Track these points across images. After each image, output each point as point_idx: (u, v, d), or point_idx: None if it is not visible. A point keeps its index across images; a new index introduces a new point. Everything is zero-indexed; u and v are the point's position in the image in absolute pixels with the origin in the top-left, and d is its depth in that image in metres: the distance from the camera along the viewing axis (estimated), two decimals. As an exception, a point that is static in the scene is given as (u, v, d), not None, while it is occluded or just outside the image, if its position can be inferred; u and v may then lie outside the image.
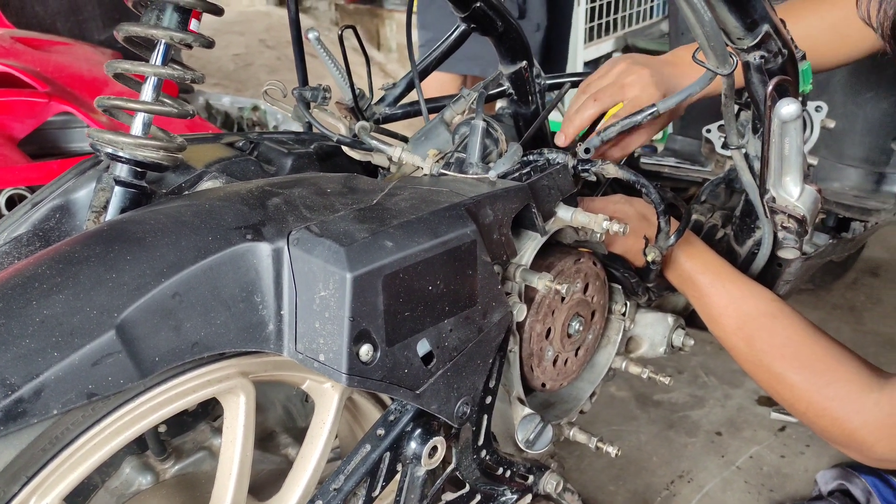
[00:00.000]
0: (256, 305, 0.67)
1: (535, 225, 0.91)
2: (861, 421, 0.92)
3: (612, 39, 3.09)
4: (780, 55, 0.87)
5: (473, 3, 1.10)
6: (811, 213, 0.84)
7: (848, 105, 1.45)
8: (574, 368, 1.07)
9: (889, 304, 2.13)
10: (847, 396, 0.93)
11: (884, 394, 0.91)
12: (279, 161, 0.96)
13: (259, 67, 3.84)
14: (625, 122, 1.02)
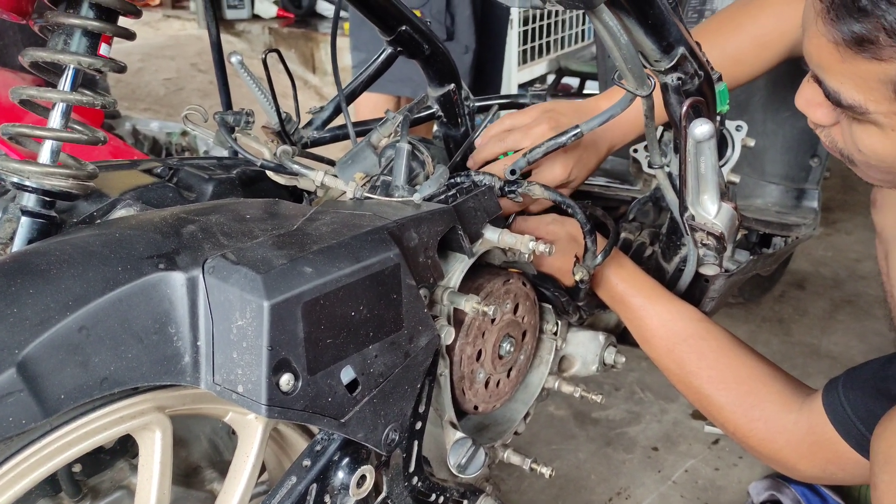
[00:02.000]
0: (171, 337, 0.65)
1: (462, 247, 0.90)
2: (784, 441, 0.95)
3: (545, 62, 3.14)
4: (696, 76, 0.89)
5: (399, 27, 1.10)
6: (729, 230, 0.86)
7: (767, 124, 1.49)
8: (507, 390, 1.07)
9: (814, 316, 2.19)
10: (770, 418, 0.96)
11: (802, 414, 0.94)
12: (199, 187, 0.94)
13: (191, 92, 3.78)
14: (549, 144, 1.03)
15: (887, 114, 0.75)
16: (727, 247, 0.92)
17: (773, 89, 1.46)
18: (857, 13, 0.70)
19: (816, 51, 0.78)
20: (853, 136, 0.82)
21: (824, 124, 0.87)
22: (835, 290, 2.32)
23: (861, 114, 0.77)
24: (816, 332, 2.11)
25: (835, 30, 0.73)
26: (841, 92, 0.77)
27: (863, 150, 0.82)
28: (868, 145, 0.81)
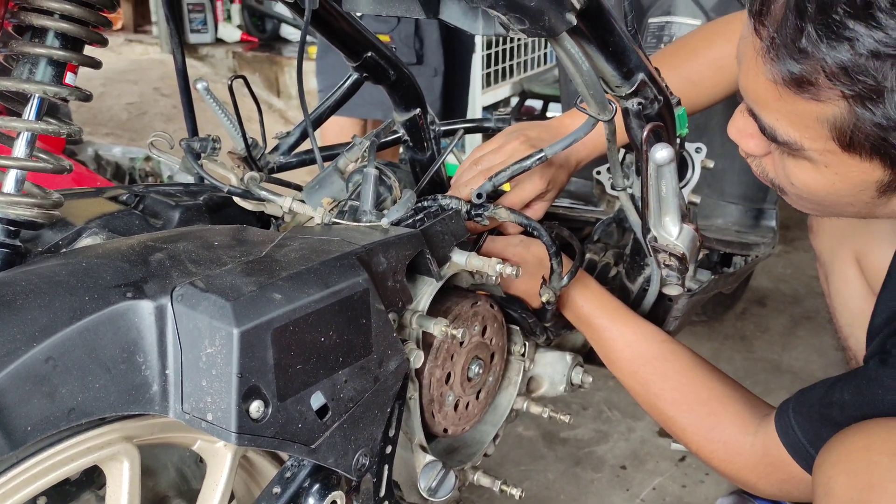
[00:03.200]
0: (139, 366, 0.65)
1: (430, 270, 0.91)
2: (742, 462, 0.98)
3: (508, 85, 3.18)
4: (656, 101, 0.91)
5: (364, 53, 1.11)
6: (690, 251, 0.88)
7: (726, 146, 1.52)
8: (476, 412, 1.07)
9: (776, 332, 2.23)
10: (730, 440, 0.99)
11: (758, 437, 0.97)
12: (166, 214, 0.94)
13: (154, 116, 3.75)
14: (514, 168, 1.04)
15: (822, 151, 0.77)
16: (689, 267, 0.94)
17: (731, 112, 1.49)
18: (798, 54, 0.71)
19: (753, 86, 0.79)
20: (786, 170, 0.84)
21: (756, 155, 0.88)
22: (794, 307, 2.37)
23: (796, 150, 0.79)
24: (777, 349, 2.14)
25: (774, 69, 0.74)
26: (777, 128, 0.78)
27: (795, 184, 0.83)
28: (801, 180, 0.82)
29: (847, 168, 0.77)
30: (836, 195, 0.81)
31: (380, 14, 0.81)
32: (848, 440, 0.80)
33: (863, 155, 0.74)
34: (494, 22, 0.73)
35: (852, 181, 0.78)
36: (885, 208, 0.82)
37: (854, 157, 0.75)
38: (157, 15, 4.92)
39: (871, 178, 0.77)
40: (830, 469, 0.80)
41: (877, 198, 0.79)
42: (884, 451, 0.75)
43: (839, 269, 1.26)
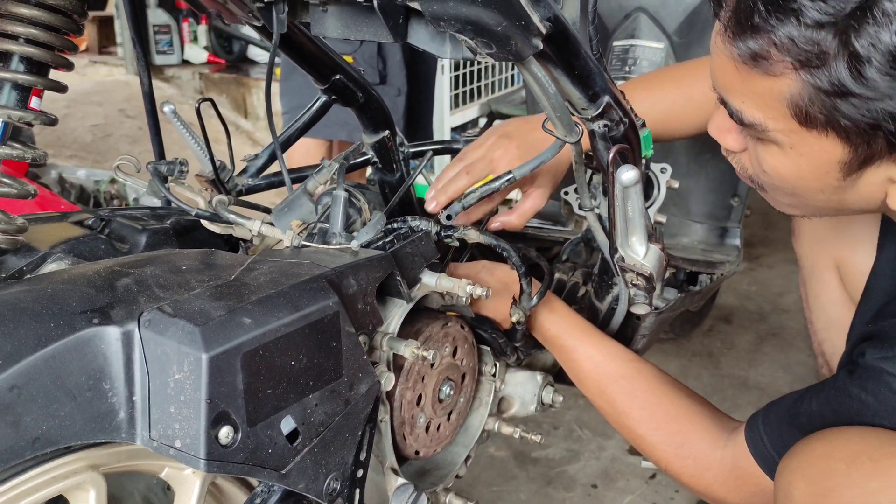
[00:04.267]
0: (105, 393, 0.64)
1: (401, 292, 0.91)
2: (712, 477, 0.99)
3: (476, 106, 3.20)
4: (621, 123, 0.92)
5: (333, 75, 1.11)
6: (657, 270, 0.89)
7: (690, 166, 1.55)
8: (447, 433, 1.07)
9: (742, 349, 2.26)
10: (699, 455, 1.00)
11: (727, 450, 0.98)
12: (133, 238, 0.93)
13: (119, 138, 3.71)
14: (483, 189, 1.05)
15: (785, 132, 0.80)
16: (656, 286, 0.95)
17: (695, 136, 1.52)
18: (752, 31, 0.75)
19: (720, 71, 0.83)
20: (759, 158, 0.86)
21: (734, 150, 0.92)
22: (760, 323, 2.40)
23: (762, 132, 0.81)
24: (744, 365, 2.17)
25: (733, 48, 0.78)
26: (742, 111, 0.81)
27: (767, 171, 0.86)
28: (771, 165, 0.85)
29: (809, 147, 0.79)
30: (805, 180, 0.84)
31: (348, 38, 0.81)
32: (809, 447, 0.81)
33: (819, 129, 0.77)
34: (462, 46, 0.74)
35: (816, 162, 0.80)
36: (853, 194, 0.83)
37: (813, 133, 0.78)
38: (122, 36, 4.89)
39: (832, 156, 0.79)
40: (791, 475, 0.81)
41: (842, 180, 0.81)
42: (842, 458, 0.76)
43: (818, 274, 1.28)
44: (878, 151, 0.76)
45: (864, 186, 0.82)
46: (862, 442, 0.77)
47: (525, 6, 0.67)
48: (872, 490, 0.72)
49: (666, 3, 1.46)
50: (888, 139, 0.74)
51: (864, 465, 0.74)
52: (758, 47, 0.75)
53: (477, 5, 0.66)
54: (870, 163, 0.78)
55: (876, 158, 0.77)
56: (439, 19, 0.69)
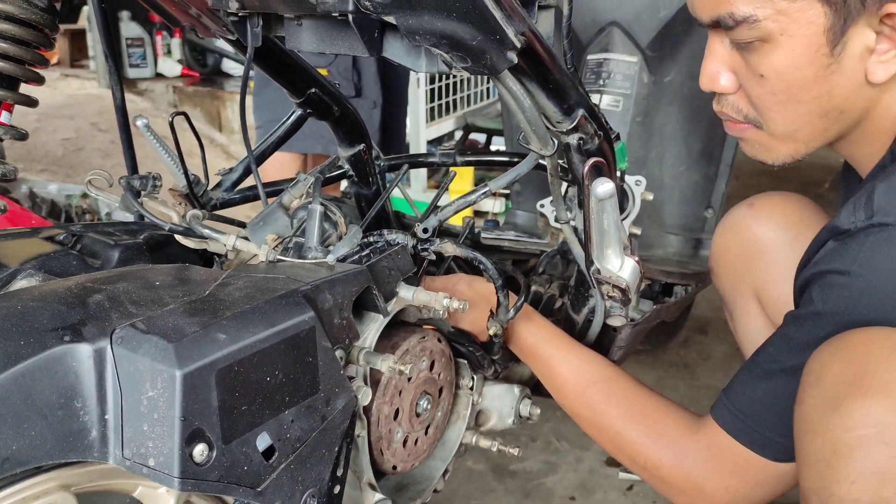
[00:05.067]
0: (77, 412, 0.63)
1: (377, 306, 0.91)
2: (691, 463, 1.00)
3: (452, 119, 3.21)
4: (596, 136, 0.93)
5: (308, 89, 1.11)
6: (633, 282, 0.89)
7: (665, 178, 1.57)
8: (425, 447, 1.07)
9: (717, 359, 2.28)
10: (677, 442, 1.01)
11: (701, 433, 1.00)
12: (105, 254, 0.91)
13: (91, 152, 3.67)
14: (460, 202, 1.05)
15: (774, 16, 0.85)
16: (632, 298, 0.96)
17: (668, 146, 1.54)
18: None
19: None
20: (754, 70, 0.91)
21: (728, 90, 0.96)
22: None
23: (753, 26, 0.86)
24: (720, 375, 2.19)
25: None
26: (734, 12, 0.87)
27: (765, 76, 0.90)
28: (768, 67, 0.89)
29: (798, 25, 0.85)
30: (799, 67, 0.88)
31: (323, 52, 0.81)
32: (847, 336, 0.80)
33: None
34: (437, 60, 0.74)
35: (806, 39, 0.86)
36: (840, 77, 0.88)
37: (797, 5, 0.84)
38: (94, 49, 4.84)
39: (818, 27, 0.85)
40: (826, 357, 0.80)
41: (830, 55, 0.86)
42: (884, 346, 0.76)
43: (741, 305, 1.32)
44: (854, 6, 0.83)
45: (847, 63, 0.87)
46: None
47: (500, 20, 0.67)
48: None
49: (639, 17, 1.48)
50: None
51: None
52: None
53: (452, 20, 0.66)
54: (849, 23, 0.84)
55: (853, 15, 0.83)
56: (415, 33, 0.70)
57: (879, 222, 0.79)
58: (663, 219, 1.59)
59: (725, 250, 1.32)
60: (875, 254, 0.80)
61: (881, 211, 0.80)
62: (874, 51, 0.87)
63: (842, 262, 0.82)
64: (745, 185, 3.69)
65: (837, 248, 0.84)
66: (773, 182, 3.69)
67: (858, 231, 0.81)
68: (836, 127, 0.94)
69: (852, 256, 0.81)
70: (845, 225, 0.83)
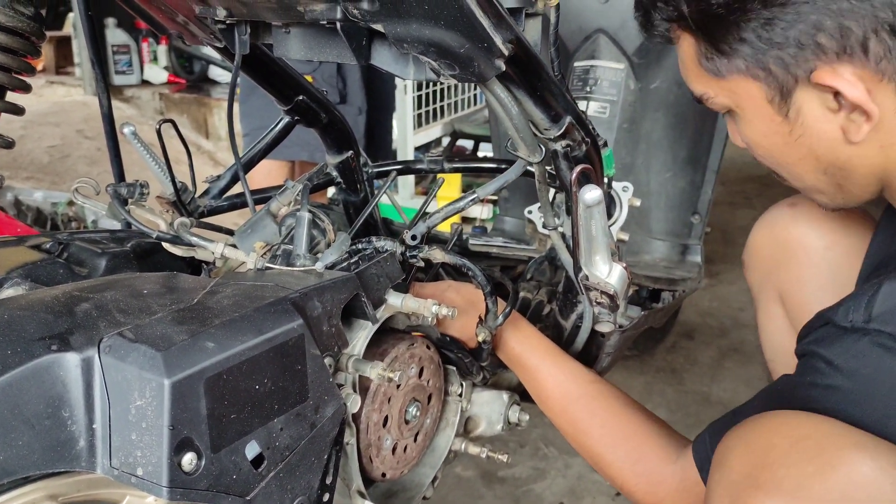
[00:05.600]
0: (64, 421, 0.62)
1: (366, 313, 0.91)
2: (665, 492, 1.00)
3: (440, 125, 3.21)
4: (584, 143, 0.94)
5: (296, 96, 1.11)
6: (621, 289, 0.90)
7: (651, 184, 1.58)
8: (414, 454, 1.07)
9: (704, 364, 2.29)
10: (653, 471, 1.01)
11: (678, 465, 0.99)
12: (92, 262, 0.91)
13: (77, 159, 3.65)
14: (448, 209, 1.05)
15: (718, 93, 0.90)
16: (620, 304, 0.96)
17: (655, 153, 1.55)
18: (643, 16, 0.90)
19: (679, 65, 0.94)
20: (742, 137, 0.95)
21: (741, 145, 0.99)
22: (722, 339, 2.43)
23: (709, 102, 0.91)
24: (707, 381, 2.20)
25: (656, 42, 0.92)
26: (692, 89, 0.93)
27: (748, 144, 0.94)
28: (743, 136, 0.94)
29: (742, 99, 0.88)
30: (766, 136, 0.90)
31: (311, 59, 0.81)
32: (757, 420, 0.80)
33: (728, 75, 0.87)
34: (425, 67, 0.75)
35: (756, 111, 0.88)
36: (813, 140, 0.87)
37: (732, 82, 0.87)
38: (80, 56, 4.82)
39: (761, 99, 0.87)
40: (732, 441, 0.80)
41: (785, 121, 0.87)
42: (788, 436, 0.75)
43: (764, 305, 1.31)
44: (780, 74, 0.83)
45: (814, 125, 0.86)
46: (812, 427, 0.76)
47: (488, 28, 0.68)
48: (808, 474, 0.70)
49: (625, 25, 1.49)
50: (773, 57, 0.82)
51: (807, 448, 0.73)
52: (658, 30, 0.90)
53: (440, 27, 0.67)
54: (790, 92, 0.84)
55: (789, 84, 0.84)
56: (402, 41, 0.70)
57: (875, 329, 0.77)
58: (650, 225, 1.60)
59: (759, 247, 1.30)
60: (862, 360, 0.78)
61: (879, 319, 0.77)
62: (838, 110, 0.83)
63: (830, 353, 0.80)
64: (732, 190, 3.71)
65: (831, 337, 0.82)
66: (759, 188, 3.72)
67: (853, 331, 0.79)
68: (851, 184, 0.91)
69: (841, 352, 0.79)
70: (842, 322, 0.80)
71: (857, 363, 0.78)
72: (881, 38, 0.78)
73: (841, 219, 1.19)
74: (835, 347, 0.80)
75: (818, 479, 0.70)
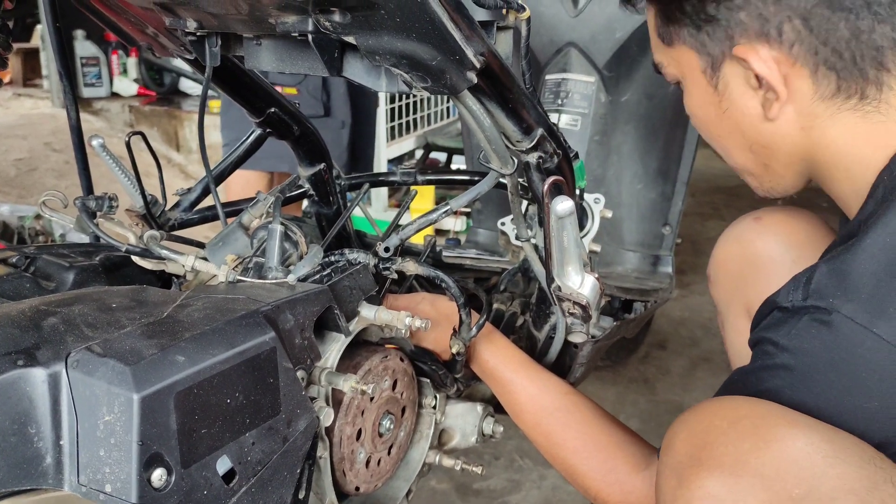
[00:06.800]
0: (31, 438, 0.61)
1: (339, 326, 0.90)
2: (636, 500, 1.01)
3: (413, 138, 3.22)
4: (555, 155, 0.94)
5: (267, 108, 1.11)
6: (593, 299, 0.90)
7: (623, 196, 1.59)
8: (388, 468, 1.06)
9: (676, 374, 2.30)
10: (624, 481, 1.02)
11: (648, 472, 1.01)
12: (59, 276, 0.90)
13: (45, 172, 3.60)
14: (422, 221, 1.05)
15: (669, 62, 0.95)
16: (592, 315, 0.97)
17: (626, 164, 1.56)
18: None
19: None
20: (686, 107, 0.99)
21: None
22: (693, 349, 2.45)
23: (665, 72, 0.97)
24: (679, 390, 2.21)
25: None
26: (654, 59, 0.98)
27: (690, 114, 0.99)
28: (687, 107, 0.98)
29: (684, 68, 0.94)
30: (701, 107, 0.95)
31: (283, 71, 0.81)
32: (700, 405, 0.83)
33: (675, 42, 0.92)
34: (398, 80, 0.75)
35: (695, 81, 0.93)
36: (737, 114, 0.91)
37: (676, 50, 0.93)
38: (47, 68, 4.77)
39: (695, 67, 0.91)
40: (678, 426, 0.82)
41: (715, 92, 0.92)
42: (726, 417, 0.78)
43: (732, 321, 1.32)
44: (709, 45, 0.88)
45: (738, 100, 0.90)
46: (749, 408, 0.79)
47: (459, 41, 0.68)
48: (745, 450, 0.73)
49: (595, 38, 1.51)
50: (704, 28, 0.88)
51: (744, 427, 0.76)
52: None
53: (412, 40, 0.67)
54: (719, 63, 0.89)
55: (718, 56, 0.89)
56: (374, 53, 0.70)
57: (812, 305, 0.80)
58: (622, 236, 1.61)
59: (724, 261, 1.31)
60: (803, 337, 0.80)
61: (815, 294, 0.80)
62: (758, 88, 0.88)
63: (777, 335, 0.83)
64: (701, 202, 3.76)
65: (777, 321, 0.84)
66: (728, 199, 3.77)
67: (794, 311, 0.82)
68: (776, 162, 0.95)
69: (785, 333, 0.82)
70: (784, 303, 0.83)
71: (799, 341, 0.80)
72: (794, 24, 0.83)
73: (806, 232, 1.21)
74: (780, 330, 0.82)
75: (754, 455, 0.73)
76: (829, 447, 0.73)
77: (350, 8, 0.66)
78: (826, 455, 0.72)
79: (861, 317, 0.77)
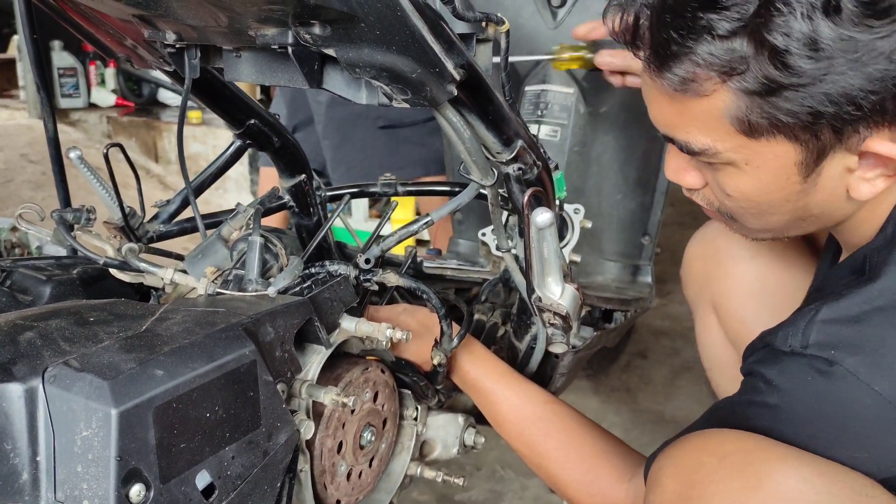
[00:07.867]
0: (7, 454, 0.60)
1: (320, 338, 0.90)
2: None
3: (392, 149, 3.21)
4: (535, 166, 0.95)
5: (247, 120, 1.10)
6: (573, 310, 0.91)
7: (602, 206, 1.60)
8: (369, 480, 1.05)
9: (658, 383, 2.31)
10: (608, 491, 1.02)
11: (632, 483, 1.01)
12: (36, 290, 0.89)
13: (21, 184, 3.57)
14: (402, 232, 1.05)
15: (736, 148, 0.82)
16: (573, 325, 0.97)
17: (605, 175, 1.57)
18: (672, 59, 0.78)
19: (658, 110, 0.86)
20: (720, 186, 0.88)
21: (695, 187, 0.94)
22: (674, 358, 2.47)
23: (715, 156, 0.83)
24: (661, 399, 2.22)
25: (661, 80, 0.81)
26: (690, 141, 0.84)
27: (732, 195, 0.88)
28: (733, 188, 0.87)
29: (763, 158, 0.82)
30: (769, 193, 0.85)
31: (262, 84, 0.81)
32: (686, 440, 0.82)
33: (767, 135, 0.79)
34: (378, 92, 0.75)
35: (774, 170, 0.82)
36: (816, 195, 0.84)
37: (762, 142, 0.80)
38: (24, 79, 4.73)
39: (787, 160, 0.81)
40: (663, 461, 0.82)
41: (804, 182, 0.83)
42: (714, 453, 0.77)
43: (701, 317, 1.35)
44: (828, 141, 0.78)
45: (825, 183, 0.83)
46: (737, 443, 0.78)
47: (439, 53, 0.68)
48: (734, 489, 0.72)
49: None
50: (832, 125, 0.76)
51: (733, 463, 0.75)
52: (683, 72, 0.78)
53: (392, 52, 0.67)
54: (823, 156, 0.80)
55: (828, 150, 0.79)
56: (354, 66, 0.70)
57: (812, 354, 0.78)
58: (602, 246, 1.62)
59: (692, 262, 1.35)
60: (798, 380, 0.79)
61: (816, 345, 0.78)
62: (856, 170, 0.81)
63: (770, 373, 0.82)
64: (680, 211, 3.78)
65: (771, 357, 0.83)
66: (706, 209, 3.79)
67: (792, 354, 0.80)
68: (816, 225, 0.92)
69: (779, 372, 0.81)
70: (781, 347, 0.82)
71: (793, 383, 0.80)
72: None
73: None
74: (774, 367, 0.82)
75: (746, 494, 0.72)
76: (821, 481, 0.72)
77: (330, 21, 0.66)
78: (819, 491, 0.71)
79: (864, 372, 0.75)
